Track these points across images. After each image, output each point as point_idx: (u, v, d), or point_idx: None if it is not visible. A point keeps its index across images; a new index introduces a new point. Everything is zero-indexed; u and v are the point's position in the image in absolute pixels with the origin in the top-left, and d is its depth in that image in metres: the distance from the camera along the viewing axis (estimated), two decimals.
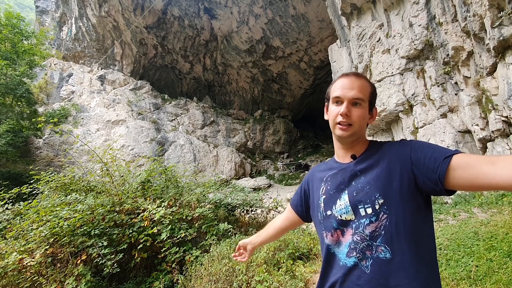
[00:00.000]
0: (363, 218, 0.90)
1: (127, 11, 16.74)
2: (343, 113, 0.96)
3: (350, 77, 1.01)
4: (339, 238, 0.94)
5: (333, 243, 0.96)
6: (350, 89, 0.98)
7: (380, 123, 7.96)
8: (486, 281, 2.58)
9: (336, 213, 0.96)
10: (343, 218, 0.94)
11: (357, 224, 0.91)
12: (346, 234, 0.93)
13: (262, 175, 18.20)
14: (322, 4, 13.73)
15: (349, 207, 0.93)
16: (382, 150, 0.99)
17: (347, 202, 0.94)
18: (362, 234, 0.89)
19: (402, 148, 0.93)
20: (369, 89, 1.01)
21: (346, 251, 0.91)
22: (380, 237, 0.87)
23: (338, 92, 0.99)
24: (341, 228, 0.94)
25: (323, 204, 1.02)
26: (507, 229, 3.43)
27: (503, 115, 4.92)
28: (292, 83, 21.88)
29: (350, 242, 0.91)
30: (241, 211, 5.50)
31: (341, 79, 1.02)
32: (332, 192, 1.00)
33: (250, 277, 2.84)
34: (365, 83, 1.01)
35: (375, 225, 0.88)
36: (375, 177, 0.92)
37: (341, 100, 0.98)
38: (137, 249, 3.31)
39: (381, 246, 0.86)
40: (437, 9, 5.99)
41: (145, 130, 15.88)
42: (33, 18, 22.05)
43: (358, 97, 0.97)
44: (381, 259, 0.86)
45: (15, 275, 2.91)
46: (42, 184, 4.59)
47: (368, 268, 0.87)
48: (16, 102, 12.17)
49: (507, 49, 4.68)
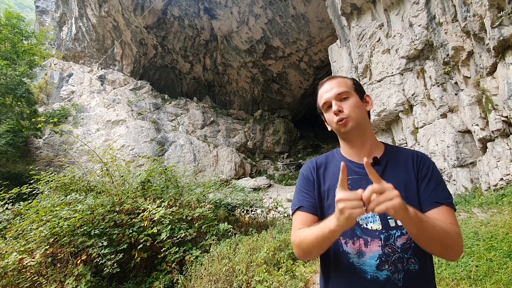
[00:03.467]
0: (393, 230, 0.88)
1: (127, 11, 16.73)
2: (336, 111, 0.96)
3: (326, 82, 1.05)
4: (360, 248, 0.89)
5: (353, 252, 0.90)
6: (331, 90, 1.00)
7: (380, 123, 7.96)
8: (486, 281, 2.58)
9: (361, 220, 0.91)
10: (369, 227, 0.90)
11: (387, 236, 0.88)
12: (372, 244, 0.88)
13: (262, 175, 18.20)
14: (322, 4, 13.73)
15: (376, 216, 0.90)
16: (402, 157, 1.00)
17: None
18: (394, 246, 0.87)
19: (419, 162, 0.98)
20: (349, 81, 1.04)
21: (375, 264, 0.87)
22: (411, 249, 0.87)
23: (323, 98, 1.01)
24: (364, 238, 0.89)
25: None
26: (507, 229, 3.43)
27: (503, 115, 4.92)
28: (292, 83, 21.88)
29: (380, 254, 0.87)
30: (241, 211, 5.50)
31: (320, 89, 1.06)
32: None
33: (250, 277, 2.84)
34: (341, 79, 1.03)
35: (406, 237, 0.87)
36: (402, 188, 0.90)
37: (329, 102, 0.99)
38: (137, 249, 3.31)
39: (412, 258, 0.87)
40: (437, 9, 5.99)
41: (145, 130, 15.88)
42: (33, 18, 22.04)
43: (340, 91, 0.99)
44: (412, 271, 0.86)
45: (15, 275, 2.91)
46: (42, 184, 4.59)
47: (400, 281, 0.85)
48: (16, 102, 12.16)
49: (507, 49, 4.68)
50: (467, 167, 5.86)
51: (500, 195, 4.69)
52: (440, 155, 6.24)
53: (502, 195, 4.68)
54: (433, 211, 0.89)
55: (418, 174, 0.95)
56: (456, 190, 6.03)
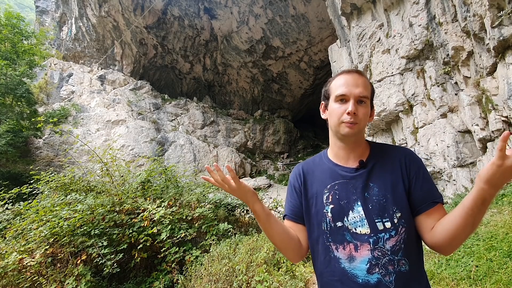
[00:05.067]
0: (382, 233, 0.88)
1: (127, 11, 16.73)
2: (351, 112, 0.91)
3: (352, 74, 0.97)
4: (351, 253, 0.89)
5: (344, 257, 0.90)
6: (356, 87, 0.94)
7: (380, 123, 7.96)
8: (486, 281, 2.58)
9: (350, 225, 0.91)
10: (358, 231, 0.89)
11: (375, 239, 0.87)
12: (361, 249, 0.88)
13: (262, 175, 18.20)
14: (322, 4, 13.73)
15: (364, 220, 0.90)
16: (389, 157, 0.99)
17: (362, 215, 0.90)
18: (383, 249, 0.87)
19: (407, 161, 0.97)
20: (370, 87, 1.00)
21: (365, 268, 0.86)
22: (401, 251, 0.87)
23: (343, 89, 0.94)
24: (354, 242, 0.89)
25: (331, 214, 0.94)
26: (507, 229, 3.43)
27: (503, 115, 4.92)
28: (292, 83, 21.87)
29: (370, 257, 0.87)
30: (241, 211, 5.50)
31: (343, 76, 0.97)
32: (343, 203, 0.94)
33: (250, 277, 2.84)
34: (367, 81, 0.98)
35: (395, 239, 0.87)
36: (389, 190, 0.92)
37: (347, 98, 0.94)
38: (137, 249, 3.31)
39: (402, 259, 0.87)
40: (437, 9, 5.99)
41: (145, 130, 15.88)
42: (33, 18, 22.05)
43: (364, 95, 0.94)
44: (402, 272, 0.86)
45: (15, 275, 2.91)
46: (42, 184, 4.59)
47: (392, 283, 0.85)
48: (16, 102, 12.17)
49: (507, 49, 4.67)
50: (467, 167, 5.86)
51: (500, 195, 4.69)
52: (440, 155, 6.24)
53: (502, 195, 4.68)
54: (433, 210, 0.91)
55: (409, 174, 0.95)
56: (456, 190, 6.02)
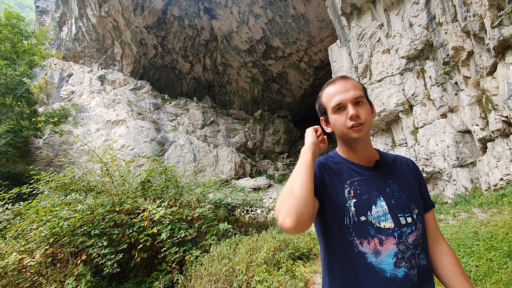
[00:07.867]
0: (404, 227, 0.91)
1: (127, 11, 16.73)
2: (354, 115, 0.92)
3: (339, 81, 0.99)
4: (376, 247, 0.89)
5: (370, 252, 0.89)
6: (347, 91, 0.95)
7: (380, 123, 7.96)
8: (486, 281, 2.58)
9: (374, 220, 0.91)
10: (381, 226, 0.90)
11: (399, 233, 0.90)
12: (387, 243, 0.89)
13: (262, 175, 18.20)
14: (322, 4, 13.73)
15: (388, 215, 0.91)
16: (396, 160, 1.08)
17: (385, 209, 0.92)
18: (406, 243, 0.90)
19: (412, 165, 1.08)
20: (360, 86, 1.01)
21: (392, 262, 0.87)
22: (420, 246, 0.93)
23: (337, 99, 0.95)
24: (379, 237, 0.89)
25: (354, 208, 0.92)
26: (507, 229, 3.43)
27: (503, 115, 4.92)
28: (292, 83, 21.87)
29: (396, 251, 0.88)
30: (241, 211, 5.50)
31: (331, 87, 0.99)
32: (365, 197, 0.94)
33: (250, 277, 2.84)
34: (354, 82, 1.00)
35: (415, 234, 0.92)
36: (408, 188, 0.99)
37: (343, 105, 0.95)
38: (137, 249, 3.31)
39: (421, 253, 0.92)
40: (437, 9, 5.99)
41: (145, 130, 15.88)
42: (33, 18, 22.05)
43: (358, 95, 0.95)
44: (422, 266, 0.91)
45: (15, 275, 2.91)
46: (42, 184, 4.59)
47: (415, 276, 0.88)
48: (16, 102, 12.16)
49: (507, 49, 4.68)
50: (467, 167, 5.86)
51: (500, 195, 4.69)
52: (440, 155, 6.24)
53: (502, 195, 4.68)
54: (430, 212, 1.05)
55: (416, 176, 1.05)
56: (456, 190, 6.03)
